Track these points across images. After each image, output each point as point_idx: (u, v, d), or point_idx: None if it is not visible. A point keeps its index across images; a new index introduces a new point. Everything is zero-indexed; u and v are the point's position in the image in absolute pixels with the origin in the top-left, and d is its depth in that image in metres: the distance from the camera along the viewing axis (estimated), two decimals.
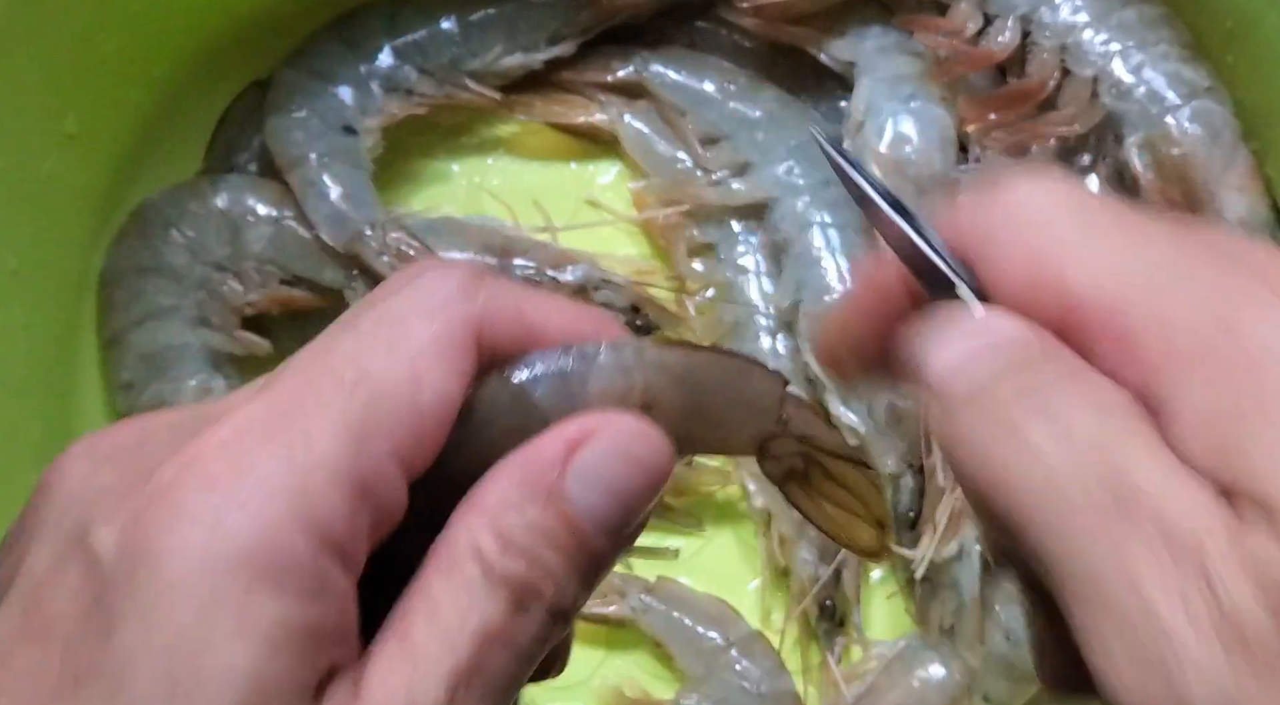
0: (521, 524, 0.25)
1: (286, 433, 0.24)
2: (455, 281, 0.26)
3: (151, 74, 0.57)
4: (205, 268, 0.58)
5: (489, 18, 0.60)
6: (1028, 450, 0.23)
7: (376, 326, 0.25)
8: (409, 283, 0.26)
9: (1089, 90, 0.54)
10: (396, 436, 0.24)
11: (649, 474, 0.26)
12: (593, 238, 0.62)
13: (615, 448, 0.26)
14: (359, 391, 0.24)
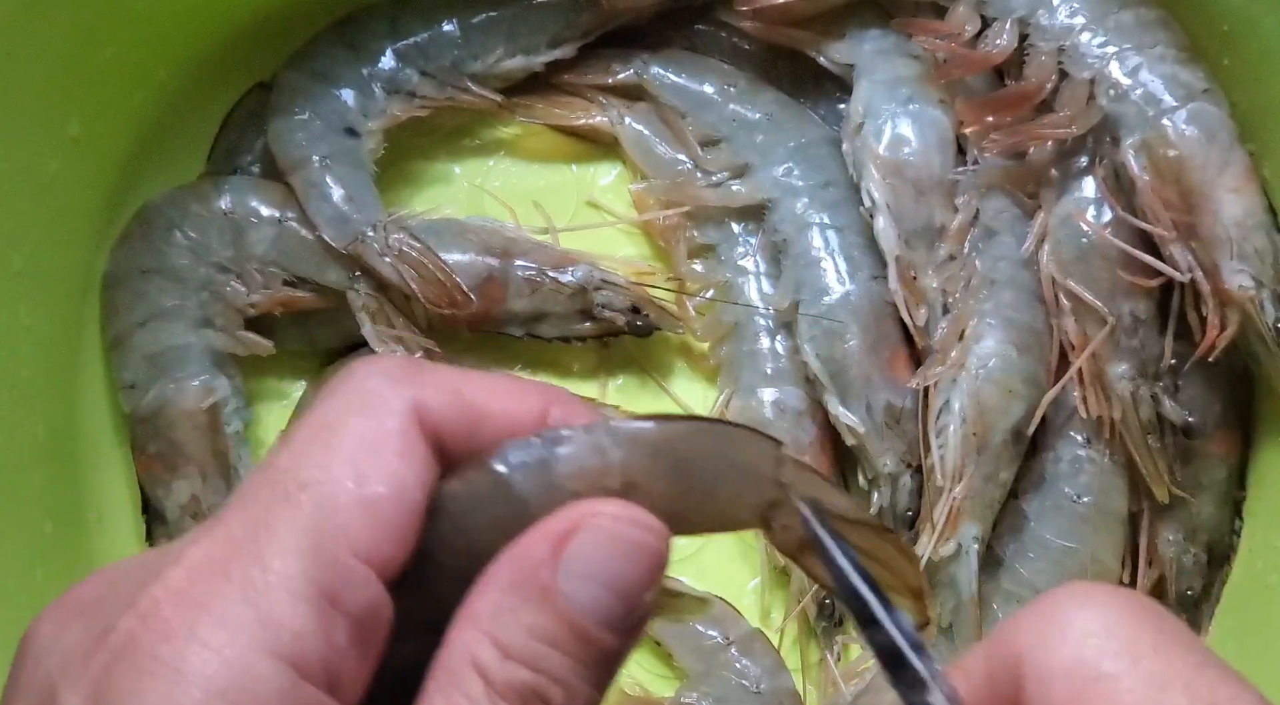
0: (519, 630, 0.24)
1: (239, 562, 0.23)
2: (383, 373, 0.26)
3: (154, 77, 0.57)
4: (208, 269, 0.58)
5: (490, 20, 0.61)
6: None
7: (312, 434, 0.25)
8: (340, 382, 0.26)
9: (1086, 92, 0.55)
10: (352, 535, 0.24)
11: (644, 559, 0.25)
12: (593, 239, 0.62)
13: (605, 538, 0.25)
14: (304, 502, 0.24)
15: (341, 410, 0.25)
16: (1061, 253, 0.56)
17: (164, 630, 0.23)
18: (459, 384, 0.26)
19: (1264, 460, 0.57)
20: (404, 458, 0.25)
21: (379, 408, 0.25)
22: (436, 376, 0.26)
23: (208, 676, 0.22)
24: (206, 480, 0.57)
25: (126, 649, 0.23)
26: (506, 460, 0.26)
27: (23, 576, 0.51)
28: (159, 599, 0.23)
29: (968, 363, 0.56)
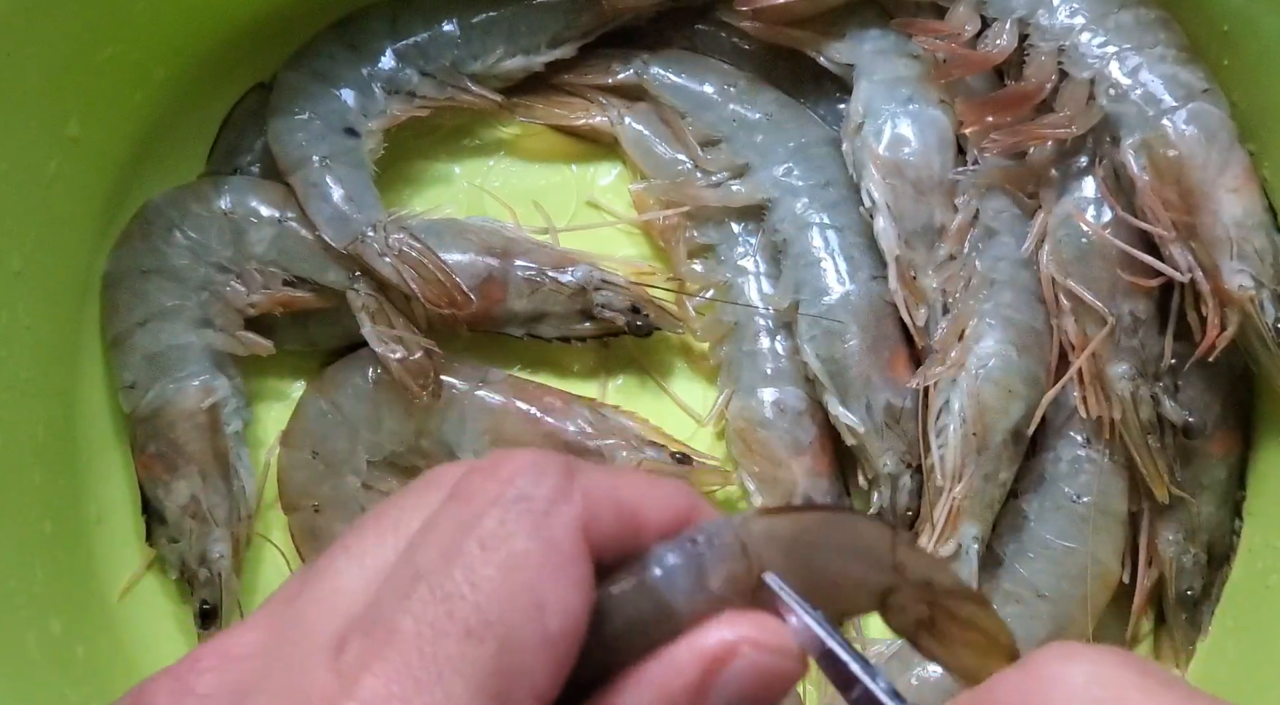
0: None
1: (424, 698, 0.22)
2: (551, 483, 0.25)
3: (154, 77, 0.57)
4: (208, 269, 0.58)
5: (490, 20, 0.61)
6: None
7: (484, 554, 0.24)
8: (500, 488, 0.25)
9: (1086, 92, 0.55)
10: (534, 678, 0.23)
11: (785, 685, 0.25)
12: (593, 239, 0.62)
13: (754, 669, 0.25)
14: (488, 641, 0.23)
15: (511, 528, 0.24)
16: (1061, 253, 0.56)
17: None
18: (616, 491, 0.26)
19: (1264, 460, 0.57)
20: (578, 587, 0.24)
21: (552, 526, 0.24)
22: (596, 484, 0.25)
23: None
24: (206, 480, 0.57)
25: None
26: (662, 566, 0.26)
27: (23, 576, 0.51)
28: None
29: (968, 363, 0.56)
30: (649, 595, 0.26)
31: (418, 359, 0.57)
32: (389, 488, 0.59)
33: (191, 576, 0.57)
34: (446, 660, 0.22)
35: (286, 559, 0.59)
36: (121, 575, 0.58)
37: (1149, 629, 0.59)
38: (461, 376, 0.59)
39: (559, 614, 0.23)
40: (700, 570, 0.26)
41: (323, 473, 0.59)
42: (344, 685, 0.23)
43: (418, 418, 0.58)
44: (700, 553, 0.26)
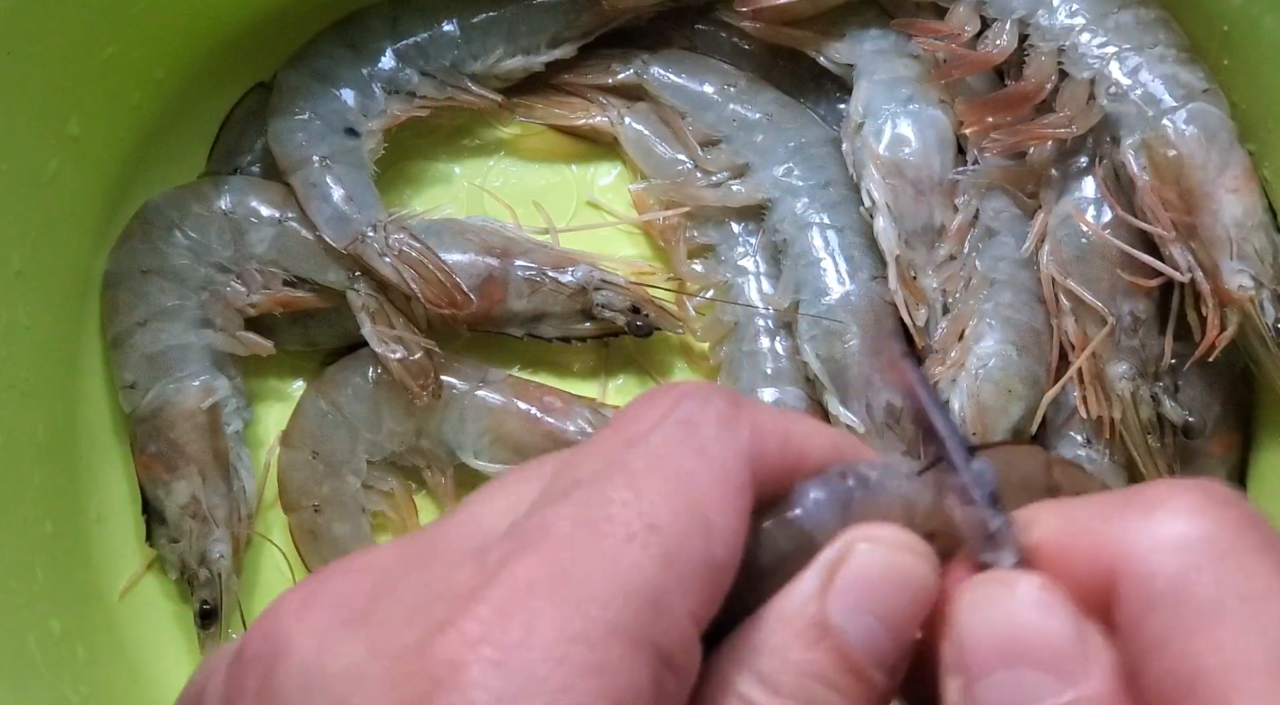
0: (790, 668, 0.22)
1: (576, 593, 0.21)
2: (719, 411, 0.23)
3: (154, 76, 0.57)
4: (208, 269, 0.58)
5: (490, 20, 0.61)
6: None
7: (651, 468, 0.22)
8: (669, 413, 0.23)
9: (1086, 92, 0.55)
10: (693, 596, 0.22)
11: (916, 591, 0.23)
12: (593, 239, 0.62)
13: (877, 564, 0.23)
14: (652, 546, 0.21)
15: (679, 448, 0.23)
16: (1061, 253, 0.56)
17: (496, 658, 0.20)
18: (783, 428, 0.24)
19: (1264, 460, 0.57)
20: (742, 517, 0.23)
21: (719, 458, 0.23)
22: (765, 421, 0.24)
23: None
24: (206, 480, 0.57)
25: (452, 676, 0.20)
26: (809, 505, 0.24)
27: (23, 576, 0.51)
28: (484, 620, 0.20)
29: (967, 363, 0.56)
30: (795, 530, 0.24)
31: (418, 359, 0.57)
32: (389, 488, 0.59)
33: (191, 576, 0.57)
34: (601, 560, 0.21)
35: (287, 559, 0.59)
36: (121, 575, 0.58)
37: None
38: (461, 376, 0.59)
39: (724, 542, 0.22)
40: (847, 509, 0.24)
41: (323, 473, 0.59)
42: (488, 574, 0.21)
43: (418, 418, 0.58)
44: (849, 490, 0.24)
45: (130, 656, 0.57)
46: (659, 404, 0.24)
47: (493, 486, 0.25)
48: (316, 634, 0.22)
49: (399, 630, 0.21)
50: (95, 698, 0.52)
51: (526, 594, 0.21)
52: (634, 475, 0.22)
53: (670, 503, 0.22)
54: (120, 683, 0.55)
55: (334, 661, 0.21)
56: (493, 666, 0.20)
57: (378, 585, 0.22)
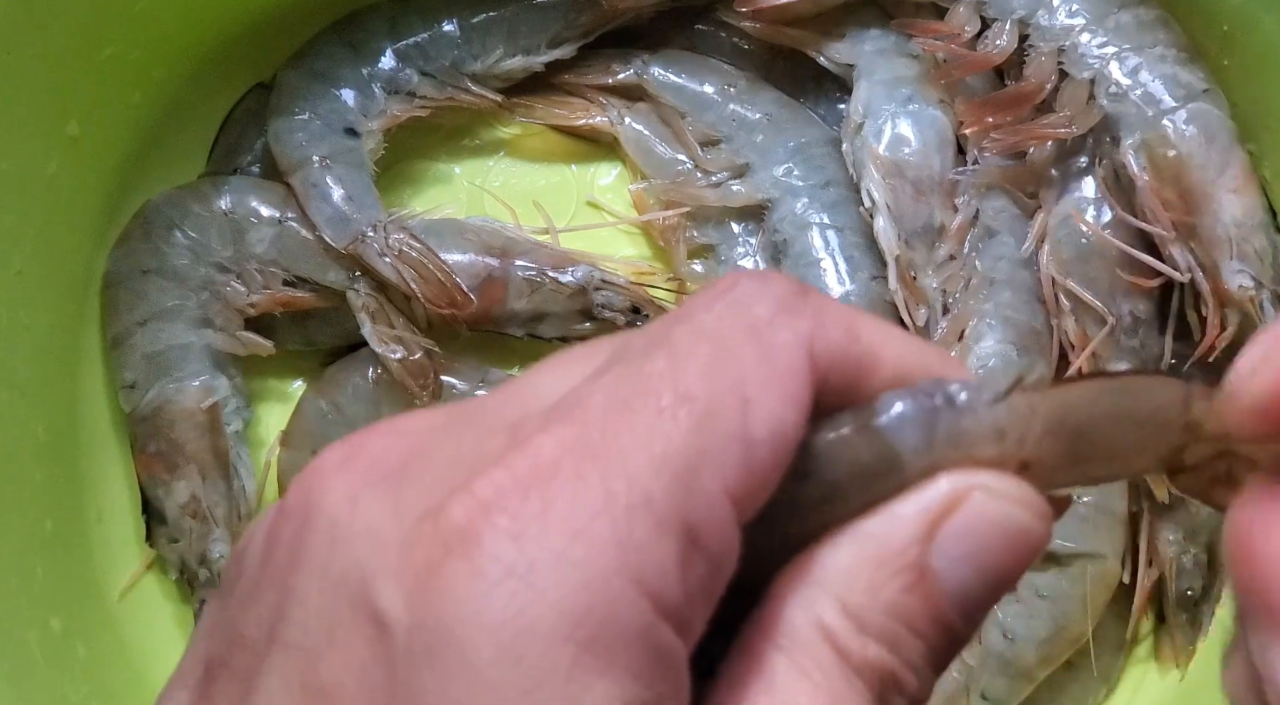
0: (879, 606, 0.21)
1: (600, 466, 0.20)
2: (777, 298, 0.22)
3: (154, 76, 0.57)
4: (208, 269, 0.58)
5: (490, 20, 0.61)
6: None
7: (694, 343, 0.21)
8: (723, 294, 0.22)
9: (1086, 93, 0.55)
10: (727, 471, 0.20)
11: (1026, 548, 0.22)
12: (593, 239, 0.62)
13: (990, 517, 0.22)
14: (681, 417, 0.20)
15: (729, 326, 0.21)
16: (1061, 253, 0.56)
17: (512, 528, 0.19)
18: (854, 324, 0.23)
19: None
20: (790, 402, 0.21)
21: (771, 338, 0.21)
22: (831, 311, 0.22)
23: (564, 595, 0.19)
24: (206, 480, 0.57)
25: (464, 544, 0.19)
26: (894, 417, 0.22)
27: (23, 576, 0.51)
28: (503, 488, 0.19)
29: (967, 362, 0.56)
30: (873, 441, 0.22)
31: (418, 359, 0.57)
32: None
33: (191, 576, 0.57)
34: (630, 432, 0.20)
35: None
36: (121, 575, 0.58)
37: (1149, 629, 0.59)
38: (461, 376, 0.59)
39: (765, 420, 0.20)
40: (933, 429, 0.22)
41: None
42: (514, 444, 0.20)
43: None
44: (937, 410, 0.22)
45: (130, 656, 0.57)
46: (717, 285, 0.23)
47: (546, 364, 0.24)
48: (349, 490, 0.21)
49: (422, 494, 0.20)
50: (95, 697, 0.52)
51: (550, 466, 0.20)
52: (674, 349, 0.21)
53: (707, 376, 0.21)
54: (120, 683, 0.55)
55: (359, 519, 0.21)
56: (508, 537, 0.19)
57: (413, 447, 0.22)
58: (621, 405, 0.20)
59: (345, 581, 0.20)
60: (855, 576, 0.21)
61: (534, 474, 0.20)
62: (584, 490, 0.19)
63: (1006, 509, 0.22)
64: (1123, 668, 0.58)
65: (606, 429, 0.20)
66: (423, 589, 0.19)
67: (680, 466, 0.20)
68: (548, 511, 0.19)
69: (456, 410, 0.23)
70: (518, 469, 0.20)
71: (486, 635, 0.18)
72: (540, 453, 0.20)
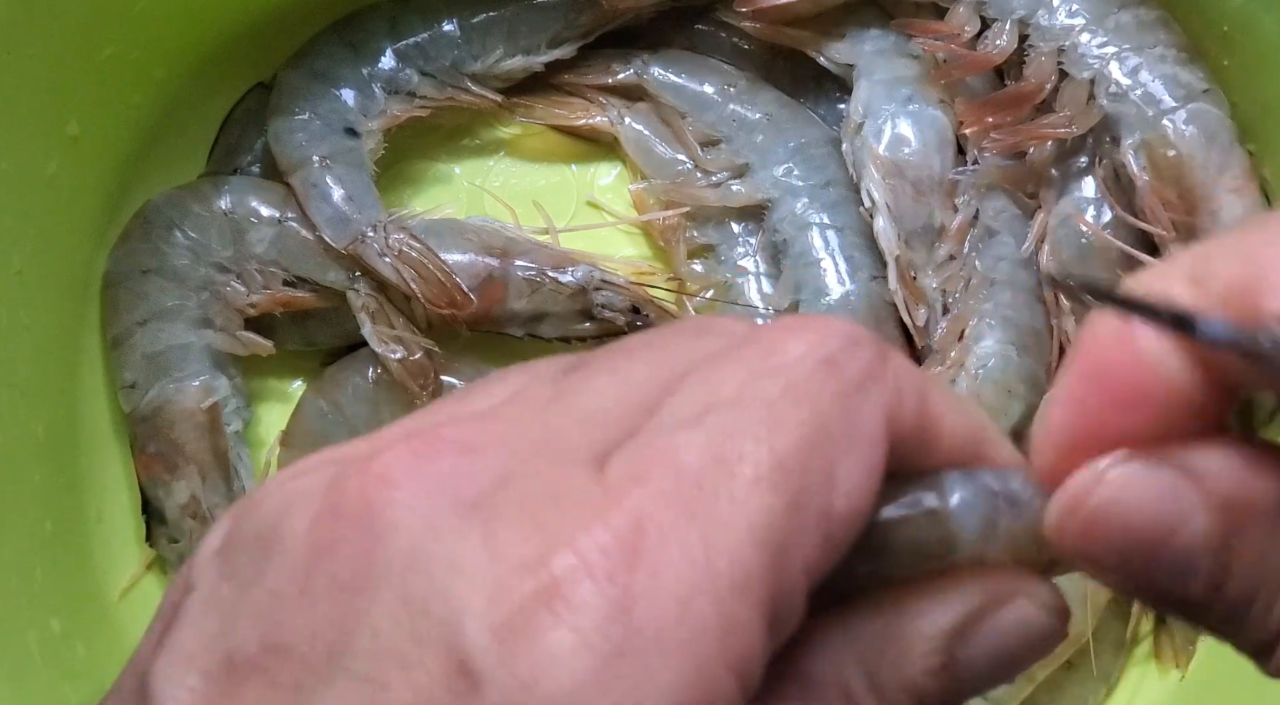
0: (899, 680, 0.22)
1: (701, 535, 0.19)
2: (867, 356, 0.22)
3: (154, 76, 0.57)
4: (208, 269, 0.58)
5: (490, 20, 0.61)
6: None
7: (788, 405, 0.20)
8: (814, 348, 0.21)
9: (1086, 93, 0.55)
10: (808, 552, 0.20)
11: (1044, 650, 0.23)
12: (593, 239, 0.62)
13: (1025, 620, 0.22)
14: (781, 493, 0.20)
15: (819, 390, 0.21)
16: (1061, 253, 0.56)
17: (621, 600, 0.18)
18: (926, 396, 0.22)
19: None
20: (871, 474, 0.21)
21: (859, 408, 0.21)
22: (907, 380, 0.22)
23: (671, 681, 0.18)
24: (206, 480, 0.57)
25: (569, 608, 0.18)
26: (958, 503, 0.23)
27: (23, 576, 0.51)
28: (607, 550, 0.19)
29: (967, 363, 0.56)
30: (938, 524, 0.23)
31: (418, 359, 0.57)
32: None
33: None
34: (729, 500, 0.19)
35: None
36: (121, 575, 0.58)
37: (1149, 629, 0.59)
38: (461, 376, 0.59)
39: (848, 494, 0.20)
40: (993, 520, 0.23)
41: None
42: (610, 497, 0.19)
43: None
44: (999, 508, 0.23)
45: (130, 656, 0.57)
46: (803, 336, 0.22)
47: (597, 367, 0.23)
48: (429, 513, 0.20)
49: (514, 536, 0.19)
50: (95, 697, 0.52)
51: (653, 529, 0.19)
52: (771, 411, 0.20)
53: (803, 447, 0.20)
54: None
55: (443, 549, 0.19)
56: (617, 608, 0.18)
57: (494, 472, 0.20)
58: (718, 463, 0.20)
59: (428, 613, 0.19)
60: (886, 648, 0.22)
61: (637, 536, 0.19)
62: (688, 563, 0.19)
63: (1042, 618, 0.23)
64: (1123, 668, 0.58)
65: (704, 489, 0.19)
66: (522, 647, 0.18)
67: (776, 544, 0.19)
68: (656, 588, 0.19)
69: (522, 423, 0.22)
70: (619, 528, 0.19)
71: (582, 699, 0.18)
72: (641, 514, 0.19)
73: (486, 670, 0.18)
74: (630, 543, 0.19)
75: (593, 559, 0.19)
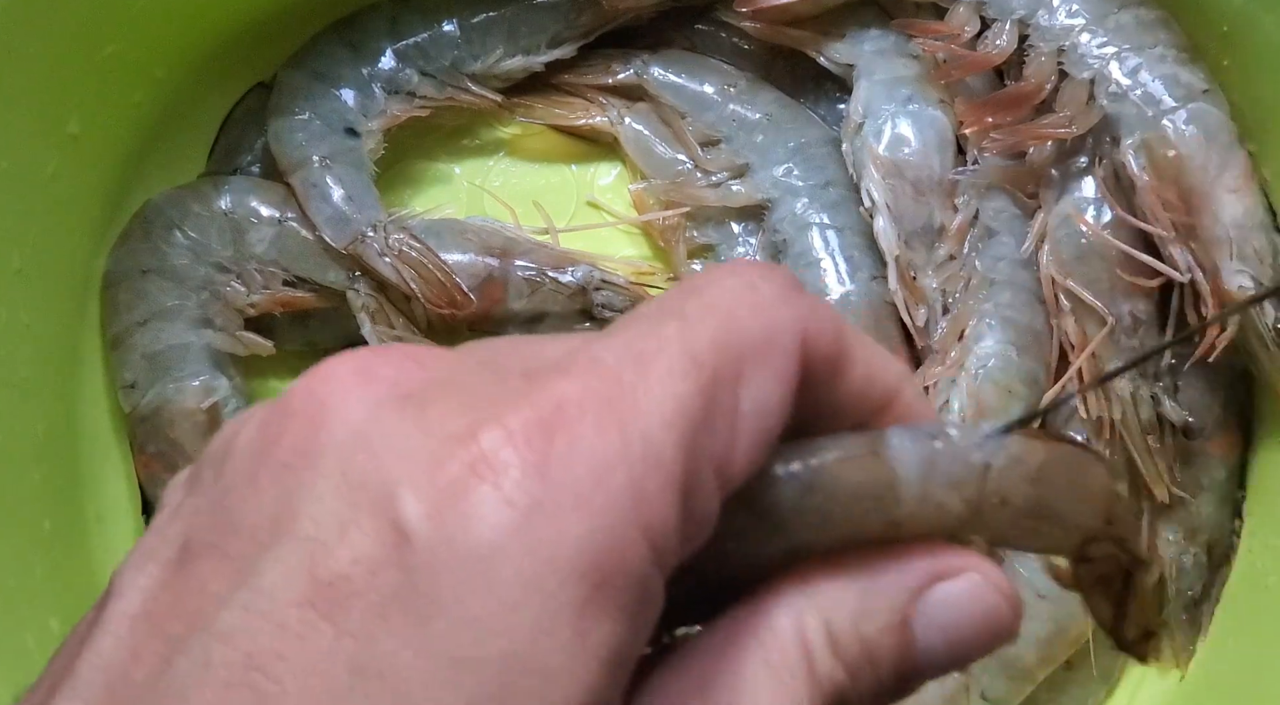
0: (856, 634, 0.23)
1: (619, 417, 0.20)
2: (782, 280, 0.23)
3: (154, 75, 0.57)
4: (208, 269, 0.58)
5: (490, 20, 0.61)
6: None
7: (704, 314, 0.22)
8: (732, 273, 0.23)
9: (1086, 93, 0.55)
10: (719, 443, 0.21)
11: (994, 638, 0.24)
12: (593, 239, 0.62)
13: (975, 597, 0.23)
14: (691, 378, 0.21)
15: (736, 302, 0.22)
16: (1061, 253, 0.56)
17: (540, 465, 0.20)
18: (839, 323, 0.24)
19: (1264, 460, 0.57)
20: (781, 381, 0.22)
21: (773, 315, 0.23)
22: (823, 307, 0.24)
23: (584, 536, 0.19)
24: None
25: (493, 472, 0.20)
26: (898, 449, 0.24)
27: (22, 576, 0.51)
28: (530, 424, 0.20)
29: (967, 363, 0.56)
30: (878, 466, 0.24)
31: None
32: None
33: None
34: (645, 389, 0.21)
35: None
36: None
37: None
38: None
39: (756, 396, 0.22)
40: (931, 469, 0.24)
41: None
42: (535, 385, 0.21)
43: None
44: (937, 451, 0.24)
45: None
46: (724, 267, 0.24)
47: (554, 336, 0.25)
48: (370, 403, 0.22)
49: (447, 418, 0.21)
50: None
51: (574, 410, 0.21)
52: (685, 316, 0.22)
53: (714, 345, 0.22)
54: None
55: (382, 428, 0.21)
56: (536, 472, 0.20)
57: (431, 376, 0.22)
58: (637, 361, 0.21)
59: (365, 485, 0.20)
60: (845, 603, 0.23)
61: (559, 416, 0.20)
62: (605, 439, 0.20)
63: (993, 599, 0.24)
64: (1123, 668, 0.58)
65: (624, 382, 0.21)
66: (449, 508, 0.20)
67: (687, 429, 0.21)
68: (572, 454, 0.20)
69: (467, 351, 0.24)
70: (543, 409, 0.21)
71: (510, 561, 0.19)
72: (564, 396, 0.21)
73: (416, 528, 0.20)
74: (551, 419, 0.20)
75: (515, 430, 0.20)
